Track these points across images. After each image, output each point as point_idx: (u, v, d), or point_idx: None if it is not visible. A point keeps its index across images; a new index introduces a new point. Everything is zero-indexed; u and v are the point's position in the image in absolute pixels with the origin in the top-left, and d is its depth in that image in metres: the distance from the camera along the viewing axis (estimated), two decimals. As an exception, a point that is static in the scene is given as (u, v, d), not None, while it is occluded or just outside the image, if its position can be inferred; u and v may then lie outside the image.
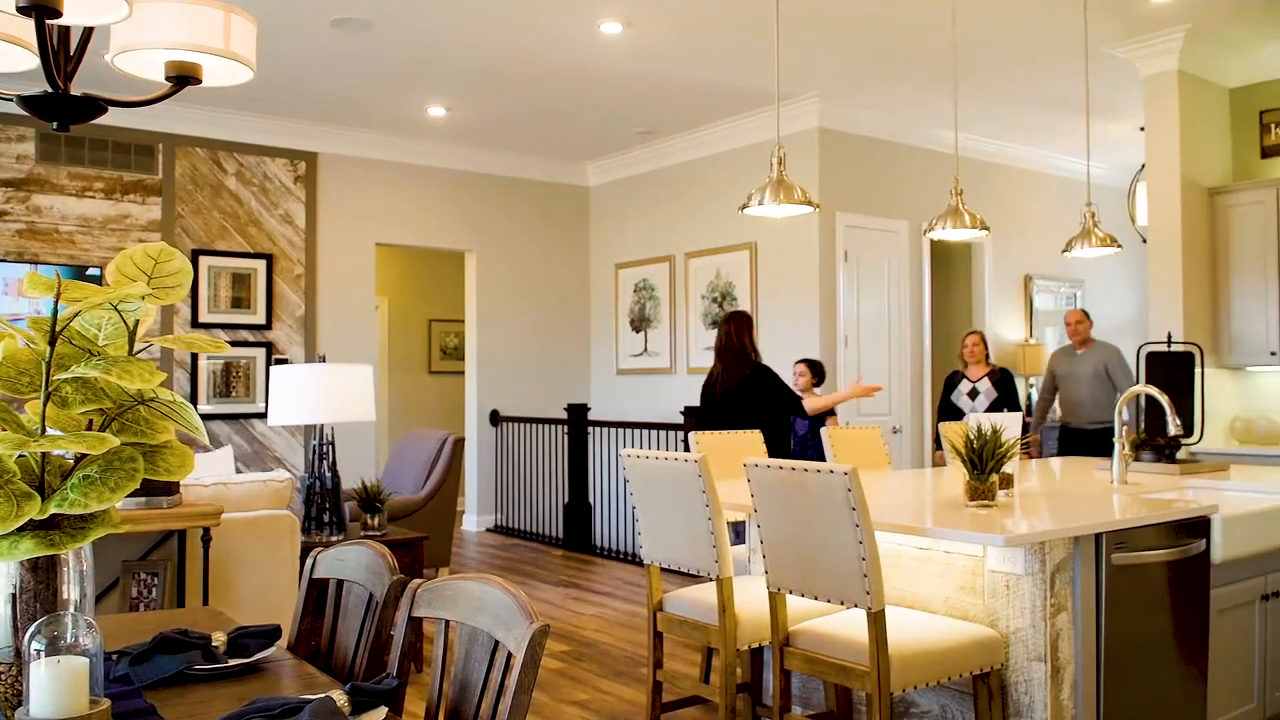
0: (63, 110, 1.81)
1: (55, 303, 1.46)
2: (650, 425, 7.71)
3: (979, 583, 3.01)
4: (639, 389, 9.04)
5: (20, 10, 1.56)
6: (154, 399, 1.58)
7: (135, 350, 1.63)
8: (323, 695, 1.66)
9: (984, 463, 3.14)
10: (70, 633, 1.48)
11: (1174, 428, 3.89)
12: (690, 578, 4.73)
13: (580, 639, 5.42)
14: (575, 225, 9.75)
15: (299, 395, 4.41)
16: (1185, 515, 3.18)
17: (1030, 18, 5.79)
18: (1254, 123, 6.49)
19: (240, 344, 7.76)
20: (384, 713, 1.67)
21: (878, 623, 2.65)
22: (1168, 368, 6.02)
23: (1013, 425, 3.61)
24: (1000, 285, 8.77)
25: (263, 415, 7.69)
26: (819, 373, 6.47)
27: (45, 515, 1.42)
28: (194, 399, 7.50)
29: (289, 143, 8.00)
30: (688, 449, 5.70)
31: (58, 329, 1.49)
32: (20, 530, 1.43)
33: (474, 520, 9.30)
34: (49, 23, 1.66)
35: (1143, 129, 6.52)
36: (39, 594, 1.50)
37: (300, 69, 6.67)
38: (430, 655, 4.82)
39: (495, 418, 9.20)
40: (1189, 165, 6.23)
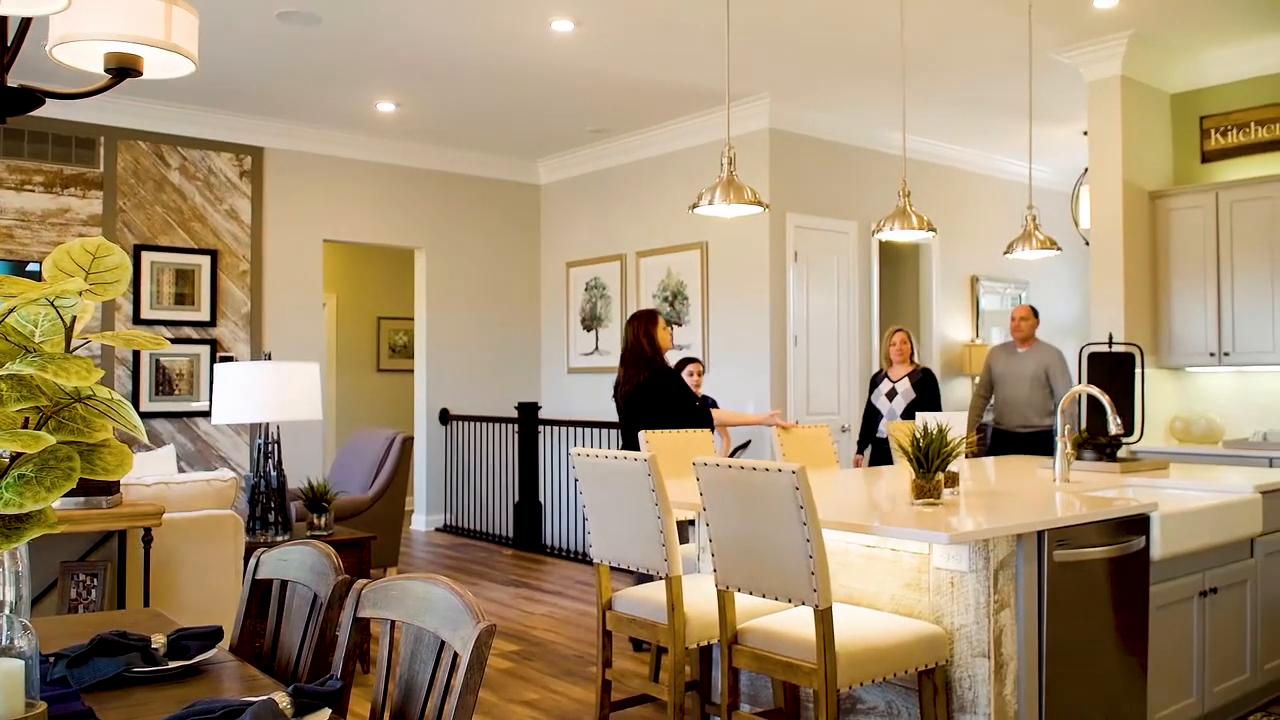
0: (-1, 102, 1.76)
1: (-12, 298, 1.42)
2: (601, 424, 7.71)
3: (925, 580, 3.04)
4: (590, 388, 9.03)
5: (-48, -2, 1.52)
6: (91, 397, 1.55)
7: (73, 347, 1.59)
8: (265, 697, 1.64)
9: (930, 461, 3.18)
10: (5, 635, 1.45)
11: (1115, 427, 3.97)
12: (640, 576, 4.74)
13: (530, 638, 5.40)
14: (526, 223, 9.72)
15: (244, 393, 4.35)
16: (1125, 513, 3.25)
17: (977, 22, 5.87)
18: (1194, 128, 6.64)
19: (184, 341, 7.62)
20: (327, 714, 1.65)
21: (825, 620, 2.67)
22: (1109, 368, 6.14)
23: (958, 425, 3.66)
24: (947, 285, 8.88)
25: (207, 414, 7.56)
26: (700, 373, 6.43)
27: (-23, 516, 1.38)
28: (136, 397, 7.36)
29: (234, 137, 7.88)
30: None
31: (-10, 325, 1.45)
32: (-50, 531, 1.39)
33: (423, 520, 9.23)
34: (-17, 11, 1.61)
35: (1086, 133, 6.64)
36: (-29, 596, 1.47)
37: (246, 62, 6.57)
38: (377, 656, 4.77)
39: (445, 416, 9.14)
40: (1131, 169, 6.35)
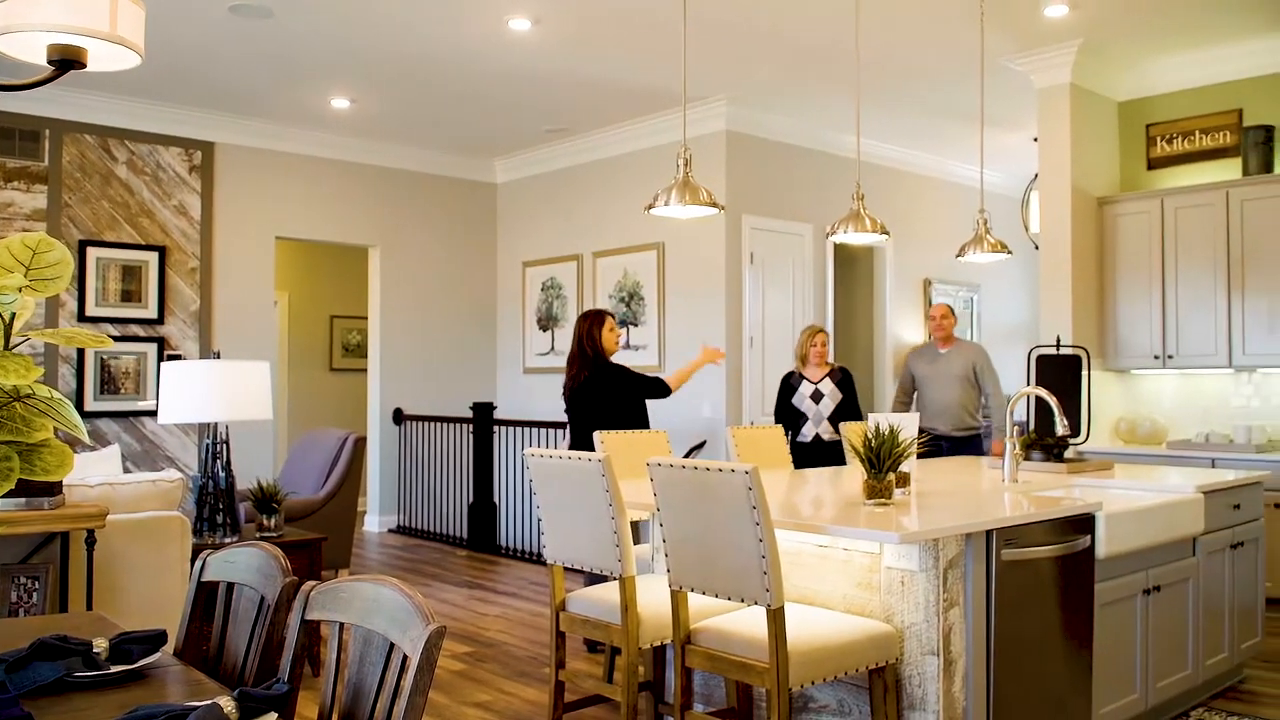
0: (-66, 91, 1.72)
1: (-79, 293, 1.38)
2: (557, 425, 7.69)
3: (876, 579, 3.07)
4: (546, 388, 9.00)
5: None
6: (30, 395, 1.51)
7: (12, 344, 1.56)
8: (209, 701, 1.62)
9: (881, 462, 3.21)
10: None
11: (1061, 428, 4.03)
12: (593, 577, 4.74)
13: (483, 640, 5.37)
14: (482, 222, 9.67)
15: (191, 392, 4.28)
16: (1071, 512, 3.30)
17: (930, 29, 5.94)
18: (1141, 135, 6.77)
19: (130, 339, 7.48)
20: (274, 718, 1.63)
21: (777, 620, 2.69)
22: (1056, 370, 6.24)
23: (910, 425, 3.70)
24: (900, 288, 8.97)
25: (153, 413, 7.43)
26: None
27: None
28: (80, 396, 7.22)
29: (184, 131, 7.75)
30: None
31: (-76, 321, 1.41)
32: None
33: (376, 521, 9.14)
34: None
35: (1036, 139, 6.74)
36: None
37: (197, 56, 6.46)
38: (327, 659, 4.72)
39: (399, 416, 9.06)
40: (1079, 175, 6.46)
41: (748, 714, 3.35)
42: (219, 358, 4.69)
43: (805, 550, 3.28)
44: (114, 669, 1.92)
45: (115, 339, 7.39)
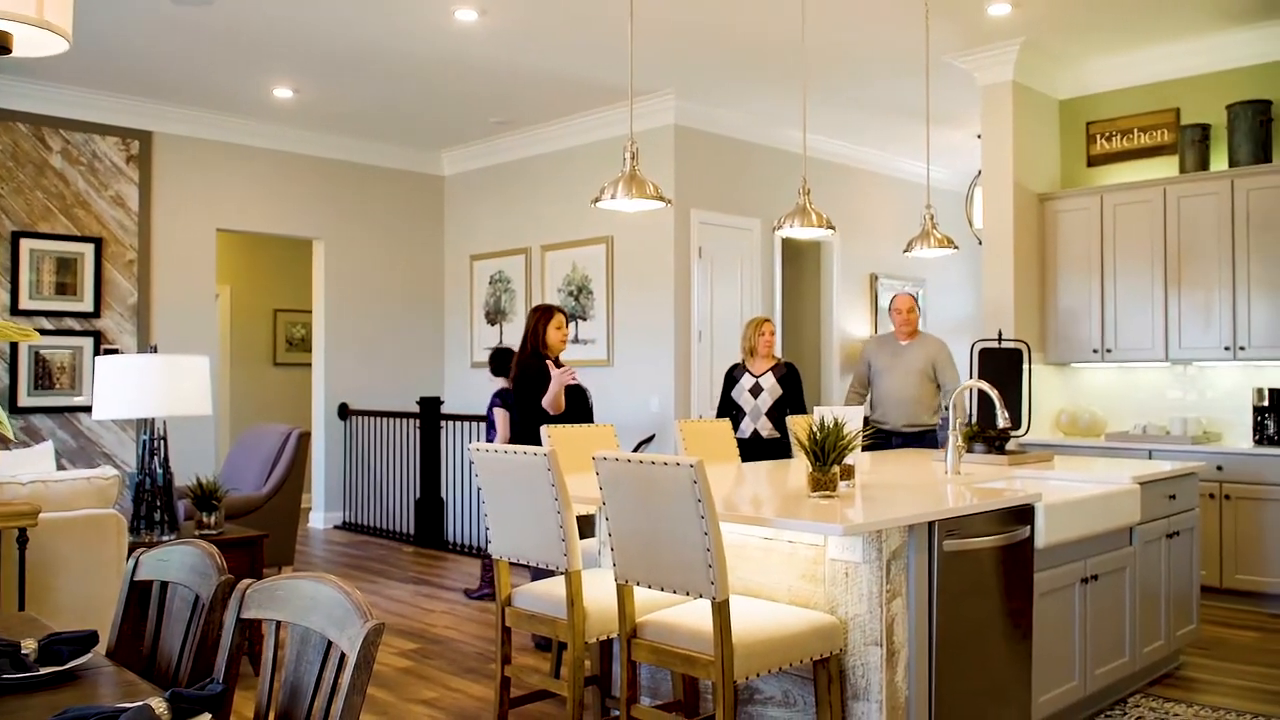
0: None
1: None
2: (504, 419, 7.64)
3: (820, 571, 3.09)
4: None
5: None
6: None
7: (-71, 337, 1.50)
8: (140, 703, 1.59)
9: (826, 455, 3.23)
10: None
11: (1003, 420, 4.08)
12: (538, 572, 4.72)
13: (430, 636, 5.32)
14: (429, 215, 9.58)
15: (128, 387, 4.18)
16: (1011, 503, 3.35)
17: (877, 26, 5.98)
18: (1081, 133, 6.88)
19: (66, 333, 7.30)
20: (207, 719, 1.60)
21: (722, 612, 2.69)
22: (998, 363, 6.34)
23: (855, 418, 3.72)
24: (847, 282, 9.04)
25: (89, 409, 7.26)
26: (501, 369, 6.34)
27: None
28: (14, 391, 7.03)
29: (121, 120, 7.57)
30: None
31: None
32: None
33: (321, 517, 9.03)
34: None
35: (980, 136, 6.83)
36: None
37: (135, 42, 6.32)
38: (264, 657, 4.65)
39: (344, 411, 8.95)
40: (1021, 172, 6.56)
41: (694, 707, 3.36)
42: (156, 352, 4.59)
43: (751, 543, 3.29)
44: (43, 670, 1.88)
45: (50, 333, 7.21)
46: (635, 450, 6.72)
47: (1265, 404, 5.79)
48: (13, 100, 7.08)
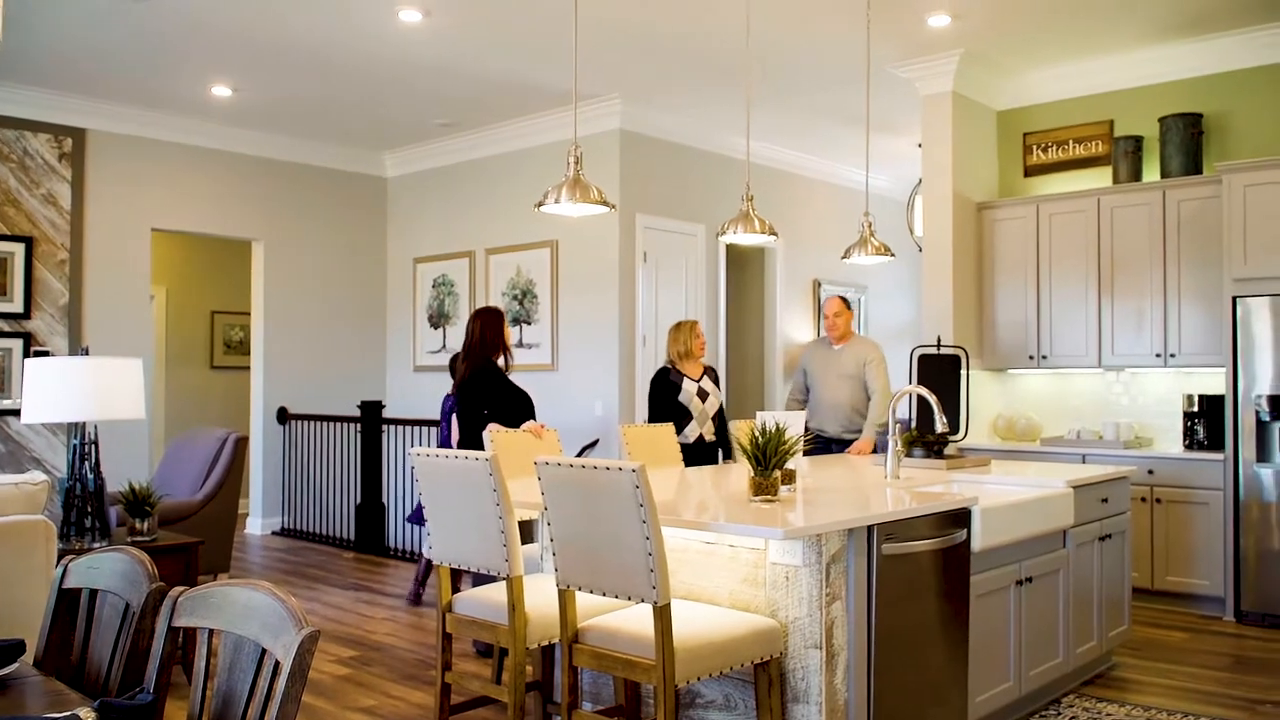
0: None
1: None
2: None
3: (761, 575, 3.10)
4: (437, 386, 8.86)
5: None
6: None
7: None
8: (68, 713, 1.55)
9: (768, 459, 3.25)
10: None
11: (941, 425, 4.14)
12: (478, 578, 4.68)
13: (369, 643, 5.26)
14: (372, 217, 9.48)
15: (58, 390, 4.08)
16: (949, 507, 3.40)
17: (820, 34, 6.05)
18: (1018, 143, 7.02)
19: (-6, 334, 7.11)
20: (136, 730, 1.56)
21: (663, 617, 2.70)
22: (938, 369, 6.43)
23: (796, 423, 3.75)
24: (790, 288, 9.12)
25: (18, 412, 7.07)
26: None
27: None
28: (-62, 394, 6.82)
29: (53, 117, 7.39)
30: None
31: None
32: None
33: (259, 523, 8.88)
34: None
35: (920, 145, 6.93)
36: None
37: (68, 37, 6.17)
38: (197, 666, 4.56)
39: (283, 415, 8.82)
40: (960, 181, 6.67)
41: (635, 712, 3.36)
42: (88, 354, 4.48)
43: (692, 547, 3.30)
44: (-35, 681, 1.82)
45: (-24, 334, 7.00)
46: (579, 455, 6.71)
47: (1195, 410, 5.94)
48: (-61, 94, 6.88)
